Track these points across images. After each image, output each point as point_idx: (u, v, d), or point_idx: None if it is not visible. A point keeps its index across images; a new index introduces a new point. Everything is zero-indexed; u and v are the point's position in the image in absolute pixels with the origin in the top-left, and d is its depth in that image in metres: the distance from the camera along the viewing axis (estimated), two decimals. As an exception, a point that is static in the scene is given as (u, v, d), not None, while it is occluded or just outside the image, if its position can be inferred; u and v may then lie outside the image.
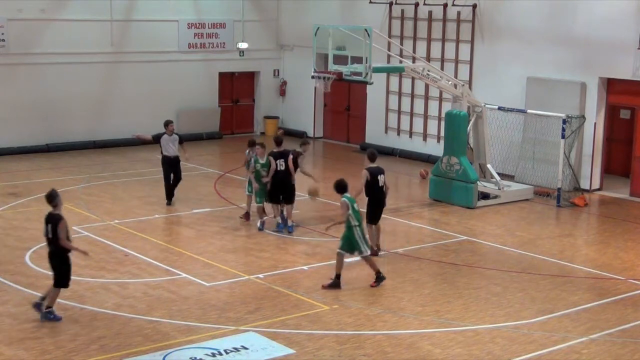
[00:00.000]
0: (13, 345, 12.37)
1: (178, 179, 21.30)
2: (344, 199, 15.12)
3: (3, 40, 27.55)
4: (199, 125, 31.55)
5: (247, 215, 19.72)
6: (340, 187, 15.30)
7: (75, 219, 19.64)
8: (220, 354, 12.21)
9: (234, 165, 26.75)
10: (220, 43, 31.97)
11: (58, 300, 14.15)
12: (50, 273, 13.60)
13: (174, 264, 16.27)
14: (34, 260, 16.40)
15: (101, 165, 26.34)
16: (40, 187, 22.54)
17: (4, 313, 13.68)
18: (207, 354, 12.18)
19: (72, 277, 15.40)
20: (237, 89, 33.22)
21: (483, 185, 22.13)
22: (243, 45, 31.90)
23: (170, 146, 20.97)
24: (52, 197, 13.48)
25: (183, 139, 21.40)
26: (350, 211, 14.93)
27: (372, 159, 17.15)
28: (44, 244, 17.15)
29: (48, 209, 13.56)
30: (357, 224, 15.00)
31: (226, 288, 15.13)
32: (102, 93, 29.67)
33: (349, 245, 15.06)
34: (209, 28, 31.72)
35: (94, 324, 13.23)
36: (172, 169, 21.11)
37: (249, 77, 33.41)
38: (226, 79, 32.70)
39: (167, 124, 21.14)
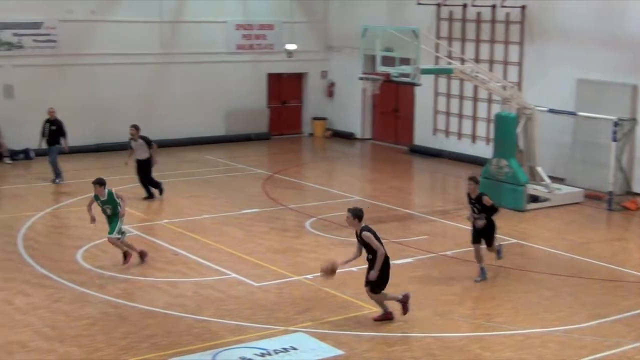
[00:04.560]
0: (66, 342, 12.53)
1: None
2: None
3: (54, 41, 27.94)
4: (247, 126, 31.71)
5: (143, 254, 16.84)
6: None
7: (125, 218, 19.82)
8: (270, 354, 12.24)
9: (283, 166, 26.85)
10: (269, 44, 32.09)
11: (108, 297, 14.36)
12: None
13: (223, 264, 16.35)
14: (86, 259, 16.59)
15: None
16: (87, 187, 22.70)
17: (58, 310, 13.86)
18: (256, 354, 12.21)
19: (123, 276, 15.63)
20: (285, 90, 33.31)
21: (533, 188, 21.93)
22: (291, 47, 31.97)
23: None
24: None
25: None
26: None
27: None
28: (96, 242, 17.45)
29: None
30: None
31: (275, 288, 15.16)
32: (151, 94, 29.94)
33: None
34: (257, 29, 31.85)
35: (144, 322, 13.34)
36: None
37: (297, 78, 33.49)
38: (274, 80, 32.81)
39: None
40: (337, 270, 13.52)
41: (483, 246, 15.75)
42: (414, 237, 18.69)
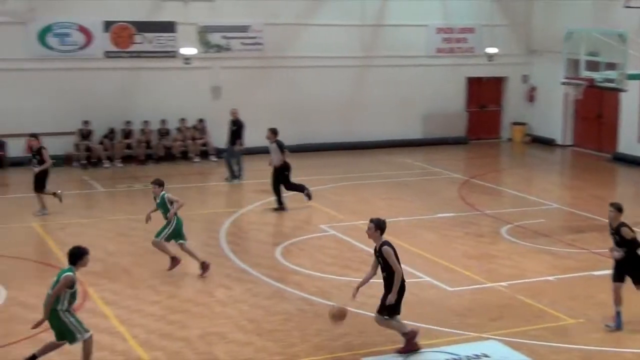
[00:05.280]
0: (263, 336, 12.94)
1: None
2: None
3: (261, 44, 28.89)
4: (445, 129, 31.61)
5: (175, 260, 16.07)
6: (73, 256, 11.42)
7: (322, 218, 20.27)
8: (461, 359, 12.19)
9: (480, 171, 26.60)
10: (469, 47, 31.87)
11: (304, 294, 14.68)
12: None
13: (417, 267, 16.36)
14: (284, 256, 17.05)
15: (349, 166, 26.97)
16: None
17: (256, 305, 14.33)
18: (447, 359, 12.17)
19: (319, 274, 15.92)
20: (484, 94, 32.95)
21: None
22: (492, 50, 31.56)
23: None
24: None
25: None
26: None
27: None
28: (293, 240, 17.96)
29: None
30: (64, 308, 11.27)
31: (468, 294, 15.06)
32: (351, 96, 30.38)
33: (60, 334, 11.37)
34: (457, 33, 31.71)
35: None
36: None
37: (497, 82, 33.04)
38: (474, 84, 32.53)
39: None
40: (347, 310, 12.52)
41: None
42: (615, 248, 18.00)
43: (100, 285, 15.17)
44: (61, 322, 11.10)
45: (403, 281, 12.22)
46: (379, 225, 12.30)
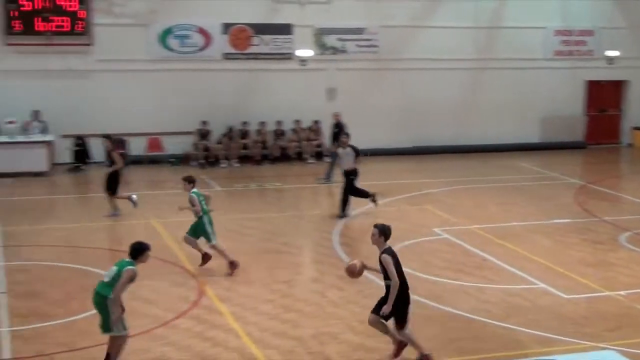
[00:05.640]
0: (374, 338, 12.75)
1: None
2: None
3: (376, 46, 28.96)
4: (562, 133, 31.13)
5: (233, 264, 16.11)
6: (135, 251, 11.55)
7: (435, 221, 20.16)
8: (577, 369, 11.96)
9: (598, 177, 26.04)
10: (588, 50, 31.21)
11: (415, 297, 14.63)
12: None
13: (532, 273, 16.11)
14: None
15: (463, 170, 26.75)
16: (402, 188, 23.41)
17: (367, 306, 14.02)
18: (562, 368, 11.97)
19: (432, 277, 15.84)
20: (603, 98, 32.22)
21: None
22: (612, 53, 30.80)
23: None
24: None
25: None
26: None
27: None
28: (406, 243, 17.90)
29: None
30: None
31: (584, 302, 14.74)
32: (465, 99, 30.18)
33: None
34: (576, 35, 31.09)
35: (450, 325, 13.46)
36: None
37: (617, 86, 32.26)
38: (593, 87, 31.83)
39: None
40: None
41: None
42: None
43: (215, 283, 15.47)
44: (107, 312, 11.21)
45: (407, 292, 11.92)
46: (383, 231, 11.87)
